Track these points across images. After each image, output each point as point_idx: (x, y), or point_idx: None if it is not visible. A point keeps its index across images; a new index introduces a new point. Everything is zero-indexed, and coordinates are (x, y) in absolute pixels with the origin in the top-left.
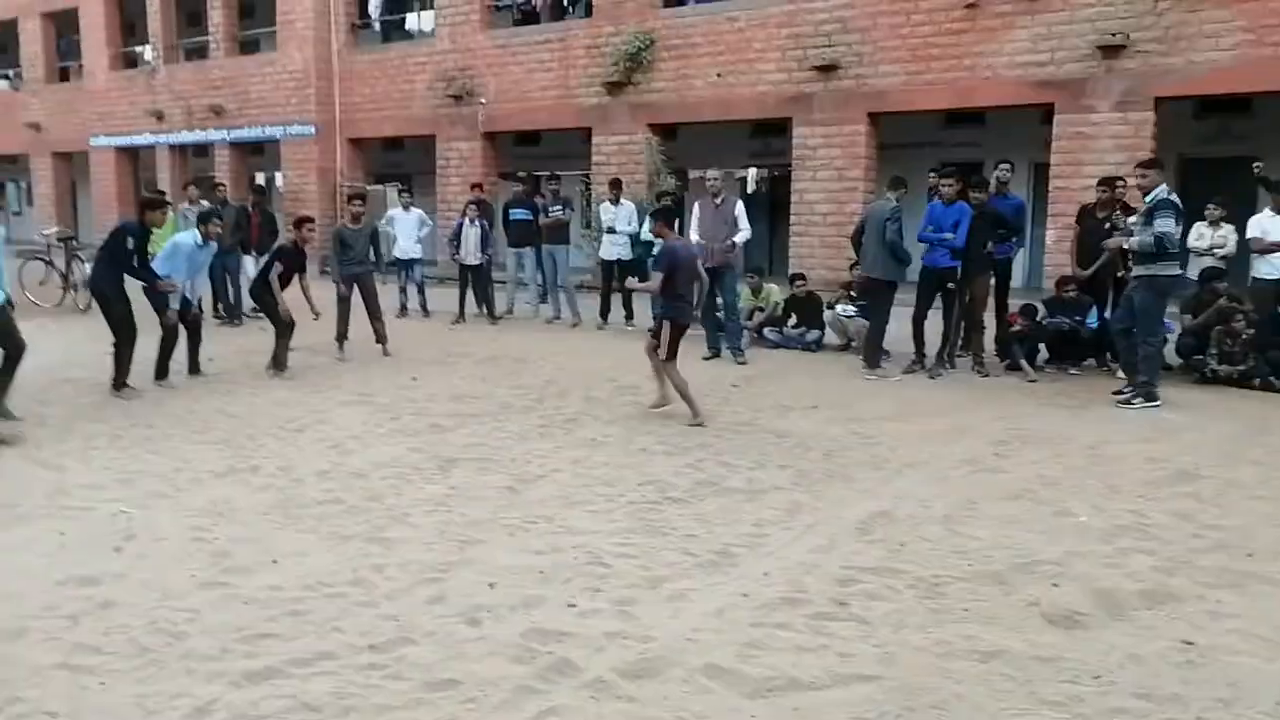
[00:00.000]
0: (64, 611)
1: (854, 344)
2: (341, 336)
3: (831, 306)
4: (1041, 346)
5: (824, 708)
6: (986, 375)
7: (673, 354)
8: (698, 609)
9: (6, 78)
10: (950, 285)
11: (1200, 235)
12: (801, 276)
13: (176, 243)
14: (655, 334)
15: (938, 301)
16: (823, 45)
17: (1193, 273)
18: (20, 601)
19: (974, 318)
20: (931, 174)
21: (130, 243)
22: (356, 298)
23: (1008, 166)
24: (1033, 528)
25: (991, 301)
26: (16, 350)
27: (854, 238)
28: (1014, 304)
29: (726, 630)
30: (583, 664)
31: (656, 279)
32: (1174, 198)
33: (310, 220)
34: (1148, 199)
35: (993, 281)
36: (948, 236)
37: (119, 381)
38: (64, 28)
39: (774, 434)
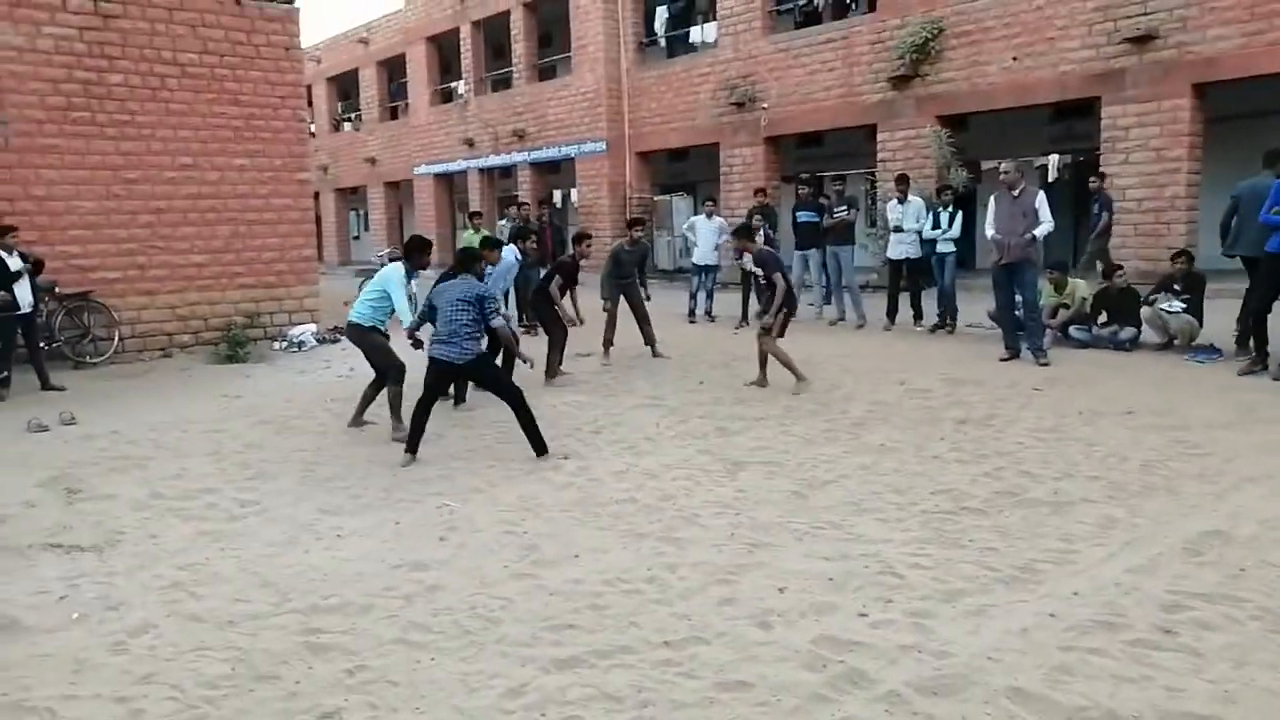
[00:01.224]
0: (400, 592)
1: (1176, 342)
2: (608, 343)
3: (1150, 302)
4: None
5: None
6: None
7: (781, 334)
8: (999, 626)
9: (350, 120)
10: None
11: None
12: (1118, 268)
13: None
14: (768, 327)
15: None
16: (1137, 14)
17: None
18: (367, 581)
19: None
20: None
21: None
22: (624, 308)
23: None
24: None
25: None
26: (398, 371)
27: (1224, 220)
28: None
29: (1032, 652)
30: (876, 676)
31: (780, 279)
32: None
33: (589, 237)
34: None
35: None
36: None
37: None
38: (394, 72)
39: (1082, 442)
